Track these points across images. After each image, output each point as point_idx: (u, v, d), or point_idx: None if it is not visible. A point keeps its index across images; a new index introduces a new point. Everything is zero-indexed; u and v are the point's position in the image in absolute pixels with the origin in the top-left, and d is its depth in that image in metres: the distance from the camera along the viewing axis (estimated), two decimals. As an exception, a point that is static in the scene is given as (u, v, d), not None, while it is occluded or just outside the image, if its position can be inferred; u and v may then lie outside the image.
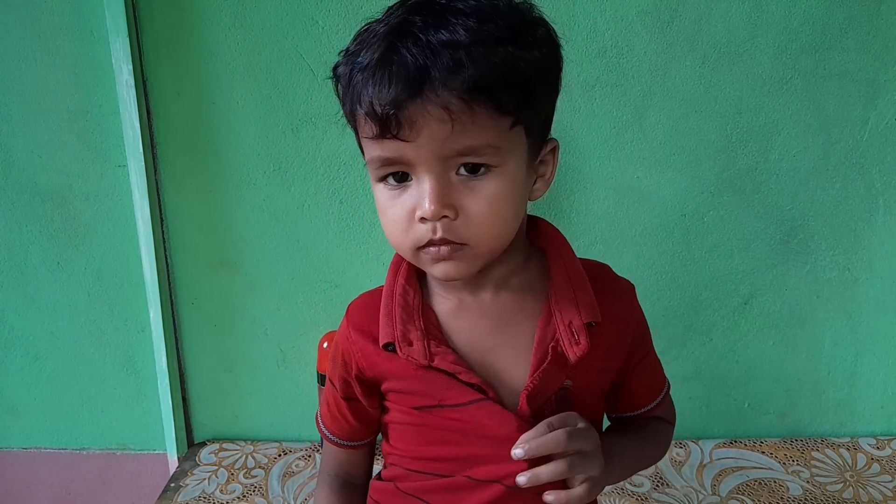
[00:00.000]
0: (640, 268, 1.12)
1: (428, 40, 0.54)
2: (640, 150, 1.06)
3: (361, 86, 0.56)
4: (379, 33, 0.57)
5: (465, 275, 0.61)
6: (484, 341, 0.66)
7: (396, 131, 0.54)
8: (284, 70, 1.04)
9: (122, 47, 1.00)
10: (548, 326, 0.65)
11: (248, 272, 1.13)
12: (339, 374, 0.71)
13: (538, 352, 0.64)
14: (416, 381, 0.66)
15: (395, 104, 0.53)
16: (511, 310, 0.66)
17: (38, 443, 1.25)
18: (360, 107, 0.56)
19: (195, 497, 1.06)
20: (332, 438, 0.76)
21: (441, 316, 0.67)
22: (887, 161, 1.07)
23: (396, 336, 0.64)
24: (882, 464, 1.11)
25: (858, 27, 1.01)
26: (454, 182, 0.57)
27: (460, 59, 0.53)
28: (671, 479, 1.08)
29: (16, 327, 1.19)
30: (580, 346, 0.63)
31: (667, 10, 1.01)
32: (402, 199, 0.58)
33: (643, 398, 0.75)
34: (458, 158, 0.56)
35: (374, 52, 0.56)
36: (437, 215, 0.56)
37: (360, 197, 1.09)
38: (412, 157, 0.56)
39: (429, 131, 0.54)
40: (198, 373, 1.19)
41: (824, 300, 1.14)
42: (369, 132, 0.56)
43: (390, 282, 0.68)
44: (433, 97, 0.53)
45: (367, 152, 0.59)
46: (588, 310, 0.64)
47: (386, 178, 0.59)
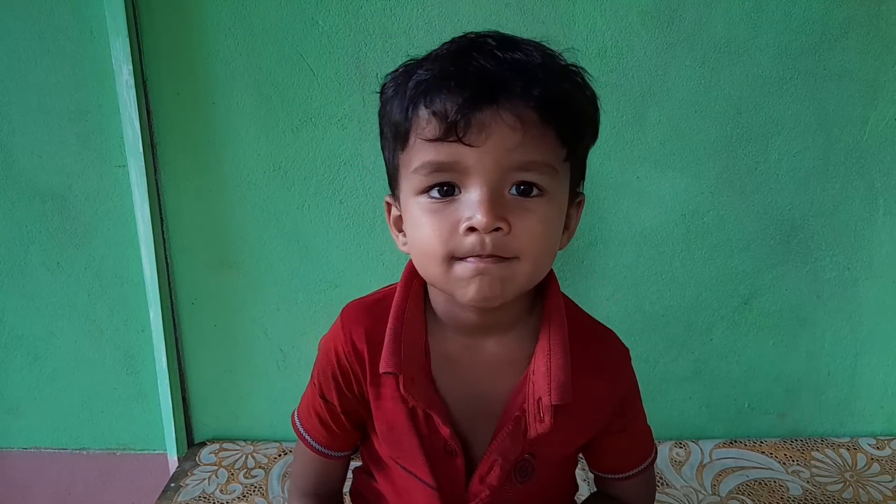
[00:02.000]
0: (640, 268, 1.12)
1: (504, 56, 0.55)
2: (640, 150, 1.06)
3: (431, 87, 0.55)
4: (449, 50, 0.57)
5: (501, 297, 0.57)
6: (471, 389, 0.65)
7: (463, 134, 0.53)
8: (284, 70, 1.04)
9: (122, 47, 1.00)
10: (518, 395, 0.64)
11: (248, 272, 1.13)
12: (331, 382, 0.69)
13: (505, 419, 0.64)
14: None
15: (469, 106, 0.53)
16: (501, 359, 0.65)
17: (38, 443, 1.25)
18: (424, 106, 0.55)
19: (195, 497, 1.06)
20: (314, 444, 0.73)
21: (436, 354, 0.65)
22: (887, 161, 1.07)
23: (403, 369, 0.62)
24: (882, 464, 1.11)
25: (858, 27, 1.01)
26: (507, 199, 0.56)
27: (537, 76, 0.54)
28: (671, 479, 1.08)
29: (16, 327, 1.19)
30: (543, 424, 0.62)
31: (667, 10, 1.01)
32: (447, 211, 0.56)
33: (618, 463, 0.73)
34: (517, 173, 0.55)
35: (447, 62, 0.56)
36: (490, 226, 0.54)
37: (360, 197, 1.09)
38: (471, 163, 0.54)
39: (498, 138, 0.54)
40: (198, 373, 1.19)
41: (824, 300, 1.14)
42: (431, 133, 0.55)
43: (400, 302, 0.65)
44: (508, 105, 0.54)
45: (417, 158, 0.56)
46: (559, 392, 0.61)
47: (429, 190, 0.56)
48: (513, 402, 0.64)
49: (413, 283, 0.65)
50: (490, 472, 0.65)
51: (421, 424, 0.65)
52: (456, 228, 0.55)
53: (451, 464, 0.66)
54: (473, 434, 0.66)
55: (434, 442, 0.65)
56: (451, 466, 0.66)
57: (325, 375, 0.69)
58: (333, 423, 0.71)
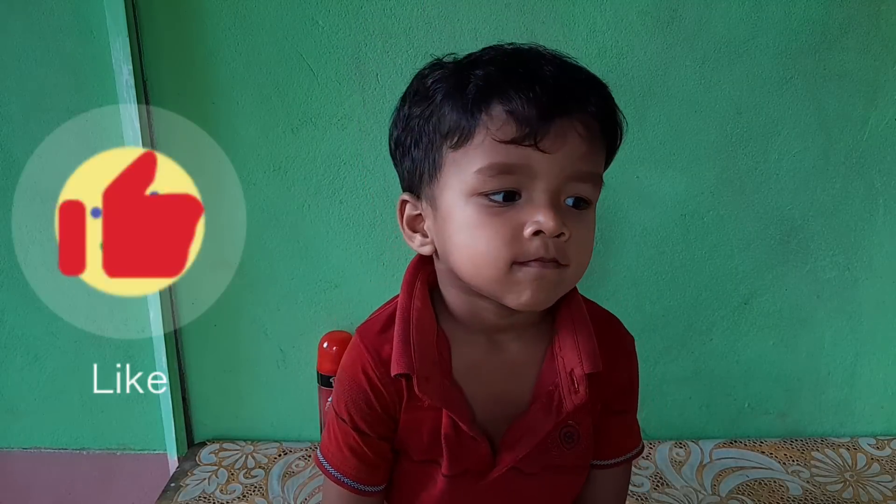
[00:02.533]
0: (640, 268, 1.12)
1: (567, 65, 0.57)
2: (640, 150, 1.06)
3: (506, 87, 0.54)
4: (504, 54, 0.58)
5: (549, 303, 0.59)
6: (495, 386, 0.65)
7: (540, 139, 0.54)
8: (284, 70, 1.04)
9: (122, 47, 1.00)
10: (550, 370, 0.65)
11: (248, 272, 1.13)
12: (365, 410, 0.65)
13: (537, 395, 0.65)
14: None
15: (550, 112, 0.54)
16: (522, 354, 0.66)
17: (38, 443, 1.25)
18: (501, 106, 0.54)
19: (195, 497, 1.06)
20: (351, 483, 0.67)
21: (457, 355, 0.65)
22: (887, 161, 1.07)
23: (415, 369, 0.61)
24: (882, 464, 1.11)
25: (858, 27, 1.01)
26: (563, 207, 0.57)
27: (596, 89, 0.58)
28: (671, 479, 1.08)
29: (16, 327, 1.19)
30: (579, 395, 0.62)
31: (667, 10, 1.01)
32: (508, 215, 0.56)
33: (608, 448, 0.73)
34: (576, 185, 0.57)
35: (516, 65, 0.56)
36: (556, 231, 0.55)
37: (360, 197, 1.09)
38: (539, 169, 0.55)
39: (571, 147, 0.55)
40: (198, 373, 1.19)
41: (824, 300, 1.14)
42: (506, 134, 0.54)
43: (405, 305, 0.64)
44: (579, 115, 0.56)
45: (482, 158, 0.55)
46: (590, 360, 0.63)
47: (489, 194, 0.56)
48: (542, 380, 0.65)
49: (417, 284, 0.65)
50: (519, 441, 0.64)
51: (446, 424, 0.64)
52: (519, 233, 0.55)
53: (476, 449, 0.65)
54: (498, 424, 0.66)
55: (458, 431, 0.64)
56: (476, 451, 0.65)
57: (357, 405, 0.65)
58: (372, 454, 0.67)
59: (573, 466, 0.70)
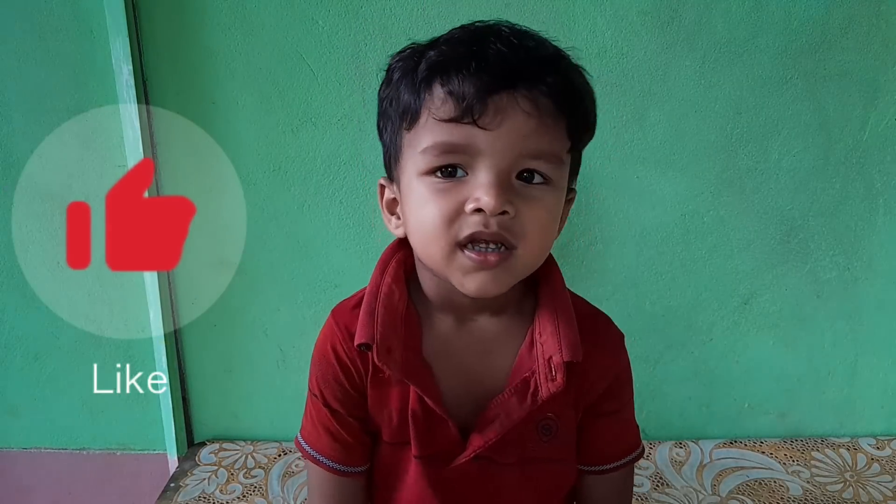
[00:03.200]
0: (640, 268, 1.12)
1: (520, 44, 0.55)
2: (640, 149, 1.06)
3: (448, 66, 0.54)
4: (463, 33, 0.57)
5: (500, 290, 0.58)
6: (467, 366, 0.65)
7: (479, 116, 0.53)
8: (284, 70, 1.04)
9: (122, 47, 1.00)
10: (528, 356, 0.64)
11: (248, 272, 1.13)
12: (334, 386, 0.66)
13: (513, 380, 0.64)
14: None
15: (487, 89, 0.53)
16: (497, 337, 0.65)
17: (38, 443, 1.25)
18: (441, 85, 0.55)
19: (195, 497, 1.06)
20: (328, 463, 0.68)
21: (428, 334, 0.65)
22: (887, 161, 1.07)
23: (375, 338, 0.61)
24: (882, 464, 1.11)
25: (858, 27, 1.01)
26: (514, 184, 0.56)
27: (553, 66, 0.55)
28: (671, 479, 1.08)
29: (16, 327, 1.19)
30: (556, 383, 0.61)
31: (667, 10, 1.01)
32: (453, 193, 0.56)
33: (604, 451, 0.71)
34: (526, 161, 0.56)
35: (464, 45, 0.55)
36: (497, 209, 0.54)
37: (360, 197, 1.09)
38: (483, 147, 0.54)
39: (513, 123, 0.54)
40: (198, 373, 1.19)
41: (824, 300, 1.13)
42: (445, 113, 0.54)
43: (376, 280, 0.65)
44: (525, 92, 0.54)
45: (427, 137, 0.56)
46: (570, 348, 0.62)
47: (435, 171, 0.56)
48: (520, 366, 0.64)
49: (391, 262, 0.66)
50: (490, 424, 0.63)
51: (411, 399, 0.64)
52: (461, 209, 0.55)
53: (443, 429, 0.64)
54: (470, 406, 0.65)
55: (425, 411, 0.64)
56: (444, 432, 0.64)
57: (327, 381, 0.67)
58: (346, 433, 0.67)
59: (552, 460, 0.68)
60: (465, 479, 0.66)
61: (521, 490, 0.68)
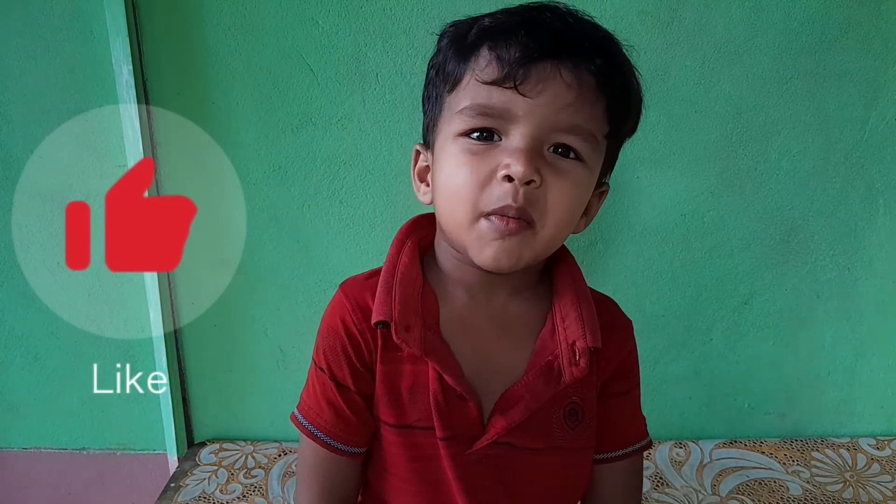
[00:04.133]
0: (640, 268, 1.12)
1: (574, 21, 0.56)
2: (640, 149, 1.06)
3: (499, 31, 0.55)
4: (518, 8, 0.57)
5: (514, 263, 0.58)
6: (485, 346, 0.64)
7: (520, 82, 0.54)
8: (284, 70, 1.04)
9: (122, 47, 1.00)
10: (550, 340, 0.64)
11: (248, 272, 1.13)
12: (342, 359, 0.64)
13: (535, 364, 0.63)
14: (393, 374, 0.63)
15: (532, 56, 0.54)
16: (516, 319, 0.65)
17: (38, 443, 1.25)
18: (489, 49, 0.55)
19: (195, 497, 1.06)
20: (325, 439, 0.65)
21: (445, 310, 0.64)
22: (887, 161, 1.07)
23: (394, 316, 0.60)
24: (882, 464, 1.11)
25: (858, 27, 1.01)
26: (545, 155, 0.56)
27: (603, 45, 0.56)
28: (671, 479, 1.08)
29: (16, 327, 1.19)
30: (579, 368, 0.62)
31: (667, 10, 1.01)
32: (487, 156, 0.56)
33: (615, 437, 0.70)
34: (560, 135, 0.56)
35: (518, 15, 0.56)
36: (527, 176, 0.54)
37: (360, 197, 1.09)
38: (521, 113, 0.55)
39: (552, 93, 0.54)
40: (198, 373, 1.19)
41: (824, 300, 1.14)
42: (488, 75, 0.55)
43: (392, 259, 0.64)
44: (569, 63, 0.54)
45: (466, 98, 0.56)
46: (593, 334, 0.62)
47: (470, 133, 0.57)
48: (542, 349, 0.64)
49: (407, 241, 0.66)
50: (514, 406, 0.62)
51: (431, 378, 0.62)
52: (492, 175, 0.55)
53: (463, 409, 0.62)
54: (488, 387, 0.63)
55: (445, 390, 0.62)
56: (463, 412, 0.62)
57: (335, 353, 0.64)
58: (349, 410, 0.64)
59: (577, 448, 0.67)
60: (488, 465, 0.64)
61: (545, 478, 0.66)
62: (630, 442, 0.71)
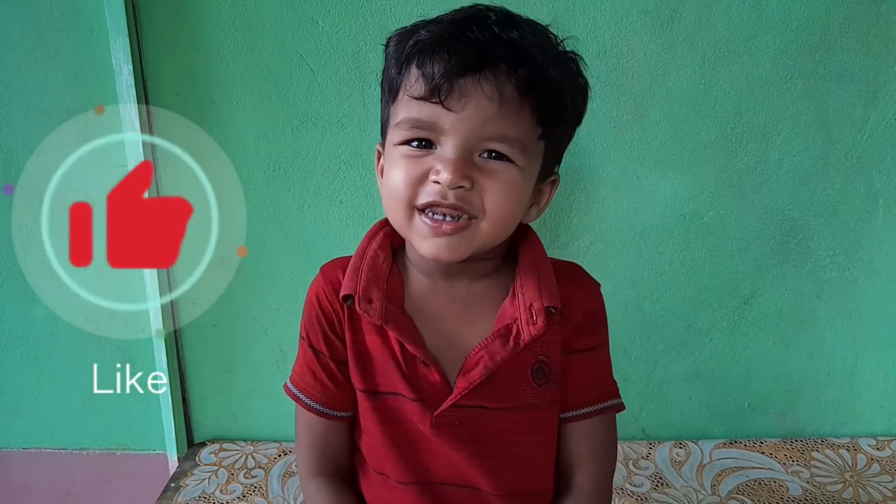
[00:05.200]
0: (640, 268, 1.12)
1: (499, 32, 0.59)
2: (640, 150, 1.06)
3: (426, 48, 0.59)
4: (453, 18, 0.61)
5: (456, 257, 0.62)
6: (447, 324, 0.68)
7: (445, 97, 0.58)
8: (284, 70, 1.04)
9: (122, 47, 1.00)
10: (511, 307, 0.67)
11: (248, 272, 1.13)
12: (317, 329, 0.71)
13: (496, 327, 0.67)
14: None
15: (454, 72, 0.57)
16: (479, 298, 0.69)
17: (38, 443, 1.25)
18: (416, 66, 0.59)
19: (195, 497, 1.06)
20: (311, 404, 0.72)
21: (410, 291, 0.69)
22: (887, 161, 1.07)
23: (358, 291, 0.66)
24: (882, 464, 1.11)
25: (858, 27, 1.01)
26: (475, 161, 0.60)
27: (525, 56, 0.58)
28: (671, 479, 1.08)
29: (16, 327, 1.19)
30: (536, 326, 0.65)
31: (667, 10, 1.01)
32: (421, 161, 0.60)
33: (581, 393, 0.70)
34: (489, 143, 0.60)
35: (446, 28, 0.59)
36: (454, 184, 0.58)
37: (360, 197, 1.09)
38: (447, 126, 0.59)
39: (475, 107, 0.58)
40: (198, 373, 1.19)
41: (824, 300, 1.14)
42: (416, 91, 0.59)
43: (363, 245, 0.71)
44: (491, 77, 0.58)
45: (401, 112, 0.61)
46: (549, 295, 0.66)
47: (409, 142, 0.61)
48: (503, 315, 0.67)
49: (379, 232, 0.71)
50: (475, 368, 0.66)
51: (395, 348, 0.68)
52: (425, 177, 0.60)
53: (427, 375, 0.67)
54: (452, 355, 0.67)
55: (407, 358, 0.67)
56: (427, 378, 0.67)
57: (312, 324, 0.71)
58: (327, 376, 0.71)
59: (547, 403, 0.69)
60: (460, 427, 0.67)
61: (517, 435, 0.69)
62: (595, 401, 0.71)
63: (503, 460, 0.69)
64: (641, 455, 1.14)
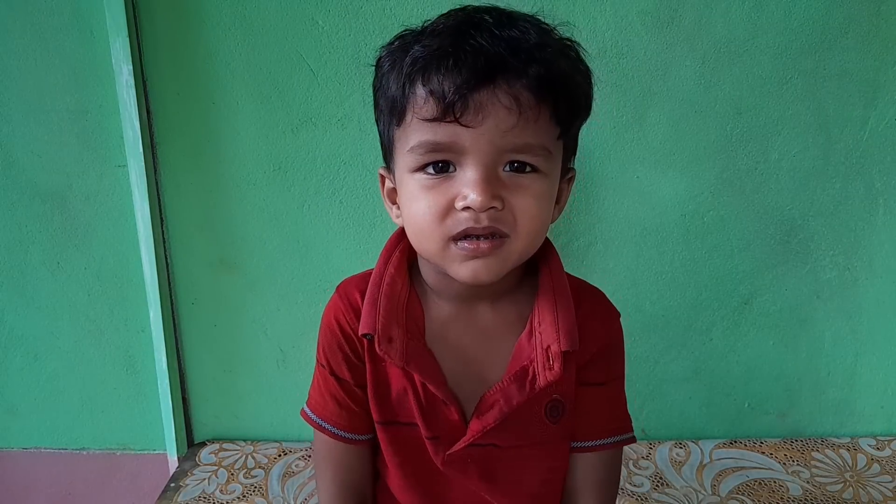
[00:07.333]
0: (640, 268, 1.12)
1: (501, 34, 0.54)
2: (640, 150, 1.06)
3: (428, 64, 0.55)
4: (447, 25, 0.57)
5: (494, 277, 0.59)
6: (467, 352, 0.66)
7: (460, 115, 0.54)
8: (284, 70, 1.04)
9: (122, 47, 1.00)
10: (527, 344, 0.65)
11: (248, 272, 1.13)
12: (339, 355, 0.68)
13: (511, 369, 0.65)
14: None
15: (466, 87, 0.53)
16: (498, 323, 0.66)
17: (38, 443, 1.25)
18: (422, 85, 0.55)
19: (195, 497, 1.06)
20: (334, 430, 0.70)
21: (430, 320, 0.66)
22: (887, 161, 1.07)
23: (378, 329, 0.63)
24: (882, 464, 1.11)
25: (858, 27, 1.01)
26: (501, 177, 0.57)
27: (533, 55, 0.54)
28: (671, 479, 1.08)
29: (16, 327, 1.19)
30: (553, 371, 0.62)
31: (667, 10, 1.01)
32: (443, 188, 0.56)
33: (590, 425, 0.69)
34: (512, 154, 0.56)
35: (445, 39, 0.55)
36: (485, 206, 0.55)
37: (360, 197, 1.09)
38: (467, 144, 0.55)
39: (494, 119, 0.54)
40: (198, 373, 1.19)
41: (824, 300, 1.14)
42: (428, 113, 0.55)
43: (380, 270, 0.66)
44: (505, 86, 0.54)
45: (413, 136, 0.57)
46: (568, 337, 0.63)
47: (425, 168, 0.57)
48: (519, 354, 0.65)
49: (395, 252, 0.67)
50: (490, 410, 0.64)
51: (416, 383, 0.66)
52: (451, 205, 0.56)
53: (446, 413, 0.66)
54: (470, 391, 0.66)
55: (427, 394, 0.66)
56: (446, 415, 0.66)
57: (332, 350, 0.69)
58: (351, 401, 0.69)
59: (561, 438, 0.69)
60: (472, 463, 0.67)
61: (530, 470, 0.69)
62: (605, 434, 0.70)
63: (515, 489, 0.69)
64: (641, 455, 1.14)
